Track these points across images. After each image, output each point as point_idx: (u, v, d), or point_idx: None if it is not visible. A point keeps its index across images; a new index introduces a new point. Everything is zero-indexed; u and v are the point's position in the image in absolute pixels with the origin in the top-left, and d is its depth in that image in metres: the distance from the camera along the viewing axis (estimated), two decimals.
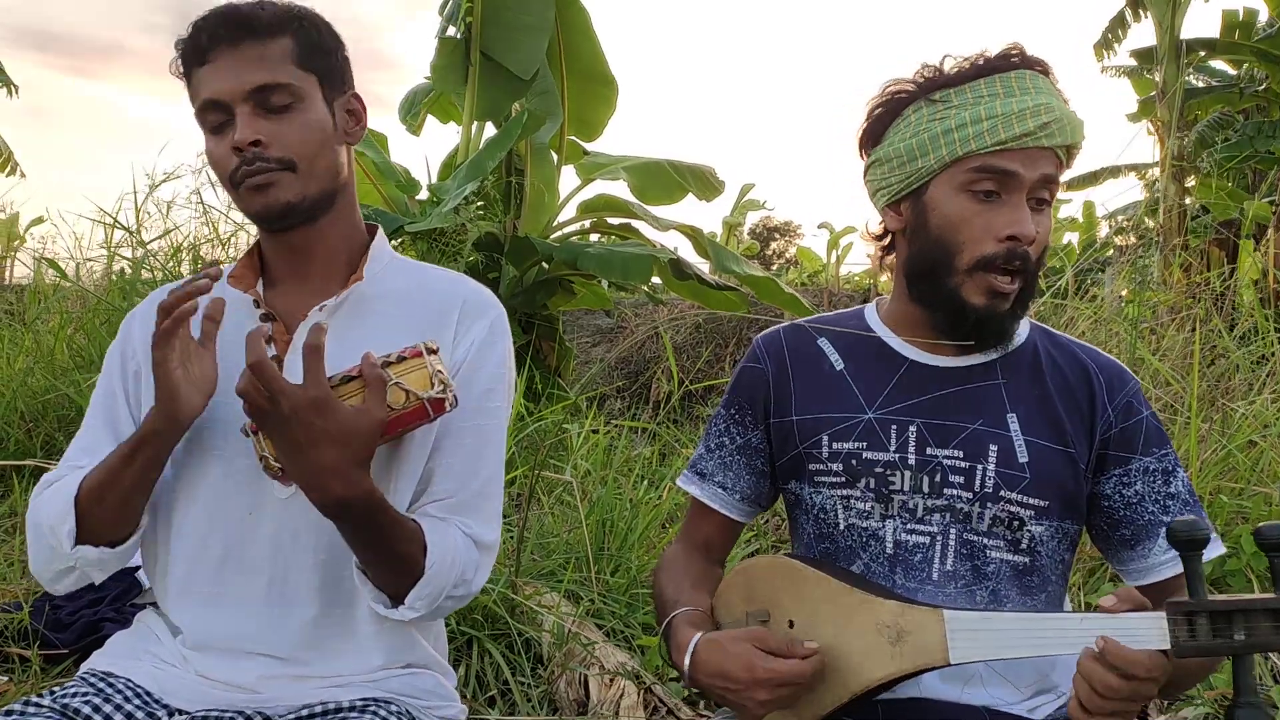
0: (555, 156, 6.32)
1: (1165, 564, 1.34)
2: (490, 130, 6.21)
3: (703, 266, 6.68)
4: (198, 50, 1.29)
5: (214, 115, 1.29)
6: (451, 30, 5.77)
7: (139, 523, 1.31)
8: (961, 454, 1.34)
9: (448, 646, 1.50)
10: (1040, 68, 1.36)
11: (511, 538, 2.83)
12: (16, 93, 11.68)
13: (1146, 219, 13.15)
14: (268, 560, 1.32)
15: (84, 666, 1.36)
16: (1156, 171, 13.82)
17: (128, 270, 4.72)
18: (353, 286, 1.35)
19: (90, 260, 5.34)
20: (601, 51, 6.27)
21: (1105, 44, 11.87)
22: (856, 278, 17.92)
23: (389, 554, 1.23)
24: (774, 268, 36.38)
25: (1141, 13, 11.29)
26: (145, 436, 1.23)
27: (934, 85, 1.37)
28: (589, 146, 6.68)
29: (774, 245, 44.58)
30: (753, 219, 25.11)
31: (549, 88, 6.07)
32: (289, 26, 1.31)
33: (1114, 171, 13.80)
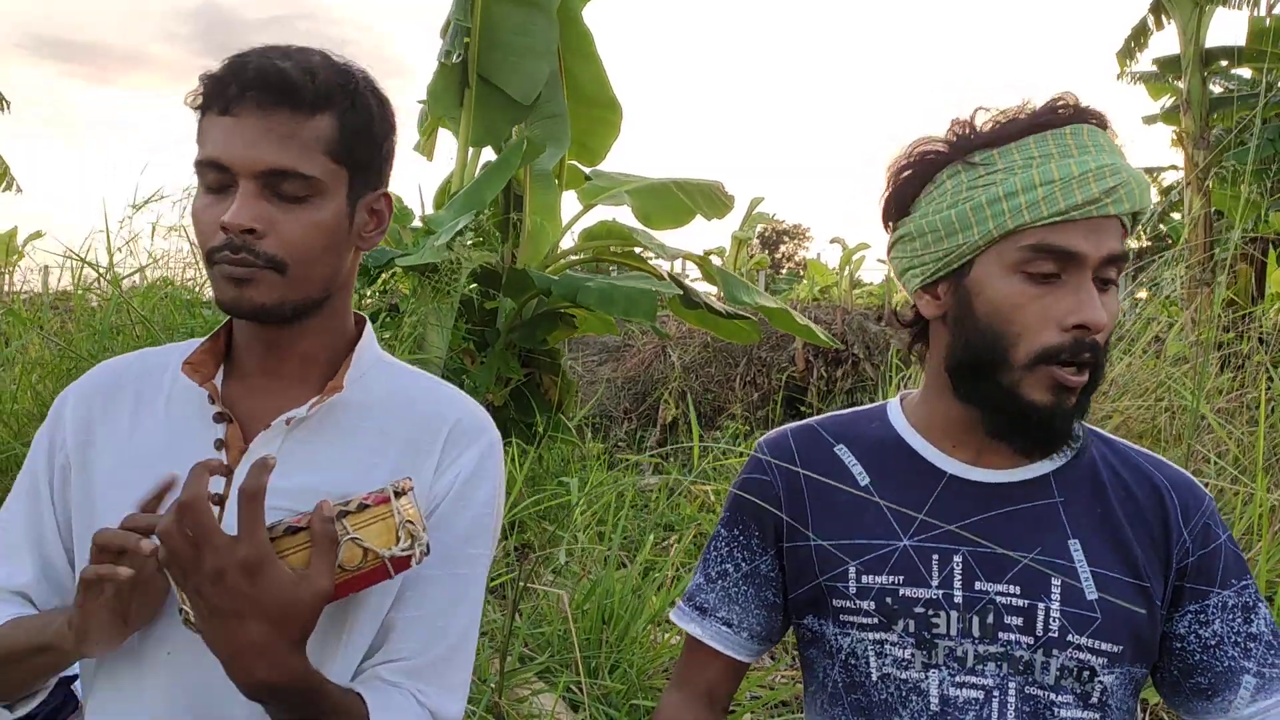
0: (556, 182, 6.04)
1: (1252, 719, 1.14)
2: (487, 155, 5.93)
3: (712, 291, 6.39)
4: (223, 97, 1.08)
5: (214, 175, 1.09)
6: (455, 54, 5.47)
7: (46, 687, 1.13)
8: (1018, 590, 1.14)
9: None
10: (1097, 120, 1.12)
11: (494, 649, 2.53)
12: (8, 107, 11.55)
13: (1163, 225, 12.89)
14: (191, 711, 1.08)
15: None
16: (1171, 175, 13.58)
17: (97, 307, 4.42)
18: (330, 399, 1.15)
19: (59, 301, 5.04)
20: (605, 74, 5.98)
21: (1127, 52, 11.57)
22: (870, 287, 17.69)
23: None
24: (783, 271, 36.22)
25: (1165, 20, 10.98)
26: (52, 645, 1.05)
27: (973, 144, 1.13)
28: (590, 170, 6.39)
29: (783, 248, 44.45)
30: (761, 225, 24.97)
31: (555, 111, 5.77)
32: (337, 104, 1.10)
33: None
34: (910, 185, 1.19)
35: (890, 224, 1.24)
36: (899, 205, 1.21)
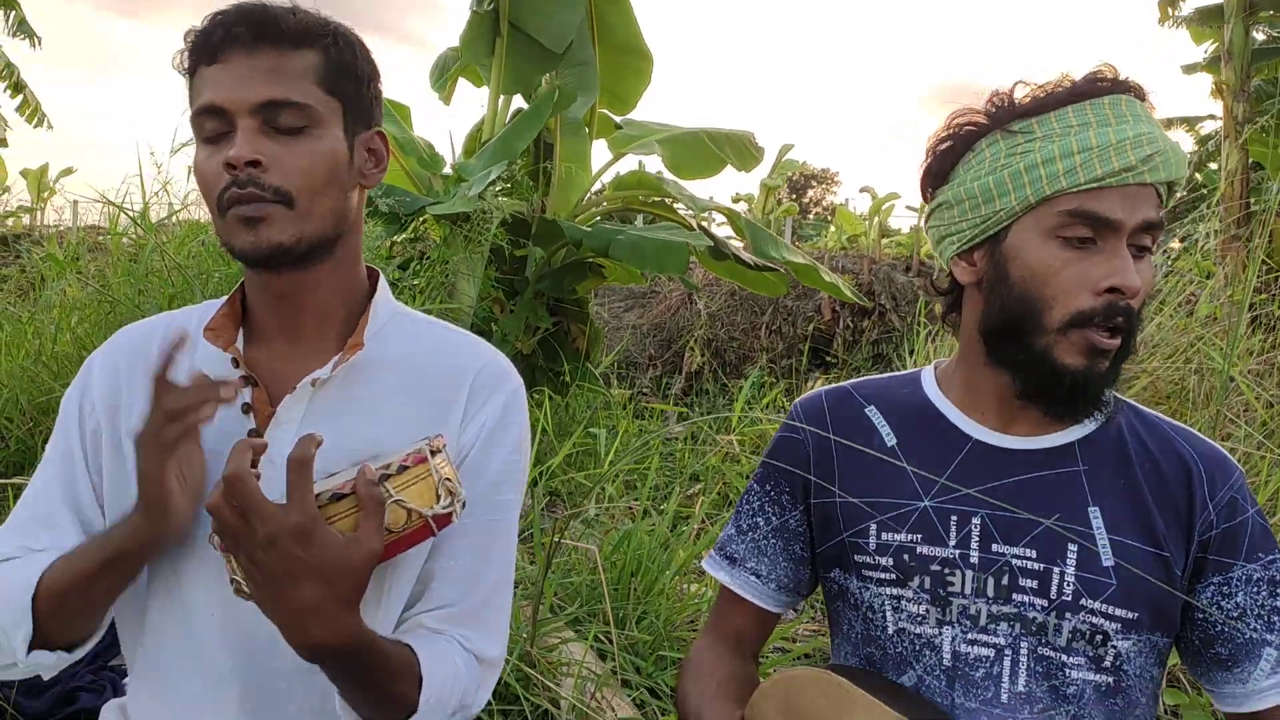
0: (586, 131, 6.00)
1: (1269, 691, 1.16)
2: (518, 103, 5.90)
3: (740, 243, 6.38)
4: (208, 47, 1.10)
5: (211, 123, 1.10)
6: (486, 2, 5.41)
7: (104, 623, 1.14)
8: (1034, 553, 1.17)
9: None
10: (1136, 92, 1.14)
11: (526, 598, 2.59)
12: (40, 43, 11.56)
13: (1198, 174, 12.67)
14: (239, 669, 1.12)
15: None
16: (1207, 125, 13.28)
17: (129, 245, 4.44)
18: (351, 358, 1.16)
19: (93, 241, 5.08)
20: (636, 22, 5.91)
21: (1170, 1, 11.28)
22: (898, 237, 17.55)
23: (378, 693, 1.04)
24: (810, 217, 35.95)
25: None
26: (123, 553, 1.06)
27: (1012, 114, 1.15)
28: (620, 119, 6.35)
29: (811, 193, 44.06)
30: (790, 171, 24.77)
31: (584, 59, 5.72)
32: (319, 40, 1.13)
33: (1165, 124, 13.16)
34: (949, 155, 1.21)
35: (929, 193, 1.25)
36: (938, 174, 1.23)
